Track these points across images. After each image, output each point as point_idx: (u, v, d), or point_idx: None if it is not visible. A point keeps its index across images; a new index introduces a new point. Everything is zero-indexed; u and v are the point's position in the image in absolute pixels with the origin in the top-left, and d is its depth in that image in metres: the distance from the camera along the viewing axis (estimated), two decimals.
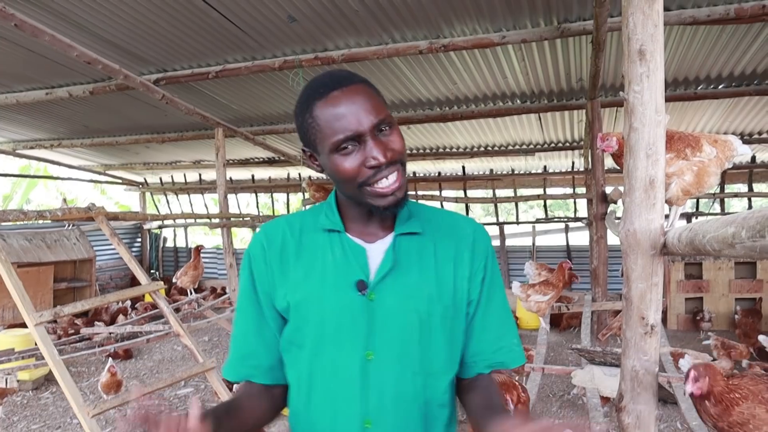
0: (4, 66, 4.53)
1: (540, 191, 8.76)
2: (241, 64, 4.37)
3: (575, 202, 9.29)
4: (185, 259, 10.28)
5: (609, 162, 3.58)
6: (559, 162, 8.37)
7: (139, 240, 11.10)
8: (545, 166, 8.70)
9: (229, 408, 1.00)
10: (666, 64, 3.90)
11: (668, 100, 4.45)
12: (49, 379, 5.25)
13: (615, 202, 4.59)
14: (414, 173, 9.21)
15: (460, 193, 9.28)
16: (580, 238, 8.80)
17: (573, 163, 8.32)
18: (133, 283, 9.37)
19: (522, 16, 3.58)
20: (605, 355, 3.18)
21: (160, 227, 10.62)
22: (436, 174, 9.28)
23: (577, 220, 8.53)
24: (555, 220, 9.76)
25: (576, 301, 5.90)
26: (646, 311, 1.44)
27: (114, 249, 5.42)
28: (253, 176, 10.18)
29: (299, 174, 9.62)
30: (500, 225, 9.16)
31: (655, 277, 1.42)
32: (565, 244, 9.07)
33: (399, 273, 0.99)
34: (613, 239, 4.07)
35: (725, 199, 8.31)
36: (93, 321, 6.65)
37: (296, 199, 10.49)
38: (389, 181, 0.94)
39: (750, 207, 7.85)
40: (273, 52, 4.22)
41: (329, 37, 3.93)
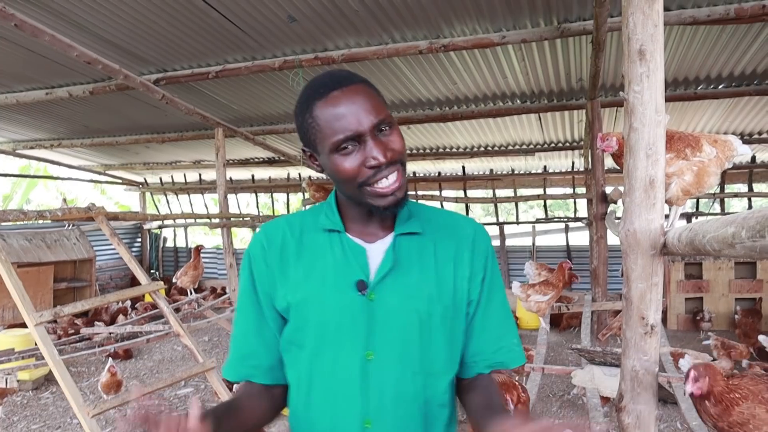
0: (4, 66, 4.53)
1: (540, 191, 8.75)
2: (241, 64, 4.37)
3: (575, 202, 9.29)
4: (185, 259, 10.29)
5: (609, 162, 3.58)
6: (559, 162, 8.37)
7: (139, 240, 11.10)
8: (545, 166, 8.70)
9: (229, 408, 1.00)
10: (666, 64, 3.90)
11: (668, 100, 4.45)
12: (49, 379, 5.25)
13: (615, 202, 4.59)
14: (414, 173, 9.21)
15: (460, 193, 9.28)
16: (580, 238, 8.80)
17: (573, 163, 8.32)
18: (133, 283, 9.37)
19: (522, 16, 3.59)
20: (605, 355, 3.18)
21: (160, 227, 10.62)
22: (436, 174, 9.28)
23: (577, 220, 8.53)
24: (555, 220, 9.76)
25: (576, 301, 5.90)
26: (646, 311, 1.44)
27: (114, 249, 5.42)
28: (253, 176, 10.18)
29: (299, 174, 9.61)
30: (500, 225, 9.16)
31: (655, 277, 1.42)
32: (565, 244, 9.07)
33: (399, 273, 0.99)
34: (613, 239, 4.07)
35: (725, 199, 8.31)
36: (93, 321, 6.65)
37: (296, 199, 10.49)
38: (389, 181, 0.94)
39: (750, 207, 7.85)
40: (273, 52, 4.22)
41: (329, 37, 3.93)
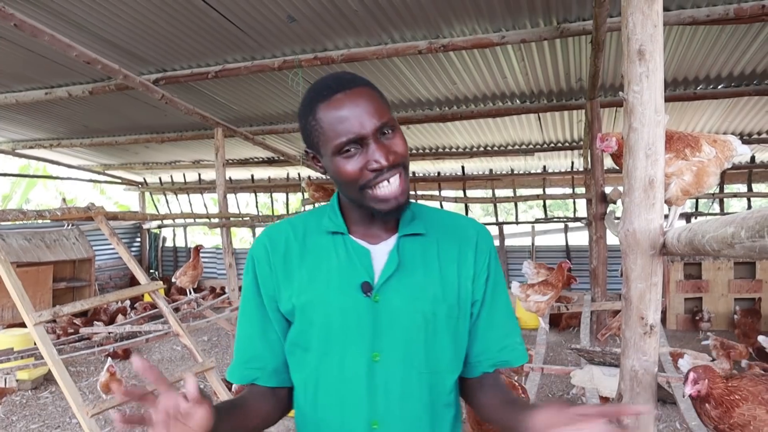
0: (4, 66, 4.53)
1: (539, 191, 8.76)
2: (241, 64, 4.36)
3: (575, 202, 9.30)
4: (184, 259, 10.29)
5: (608, 162, 3.58)
6: (559, 162, 8.37)
7: (139, 240, 11.10)
8: (545, 166, 8.71)
9: (234, 405, 1.00)
10: (665, 64, 3.88)
11: (668, 100, 4.45)
12: (48, 379, 5.25)
13: (614, 202, 4.59)
14: (413, 173, 9.21)
15: (460, 193, 9.28)
16: (580, 238, 8.81)
17: (572, 163, 8.33)
18: (132, 283, 9.37)
19: (521, 16, 3.59)
20: (604, 355, 3.18)
21: (159, 227, 10.63)
22: (436, 174, 9.28)
23: (576, 220, 8.53)
24: (554, 220, 9.76)
25: (575, 301, 5.90)
26: (645, 311, 1.44)
27: (113, 249, 5.41)
28: (252, 176, 10.18)
29: (299, 174, 9.61)
30: (500, 225, 9.17)
31: (655, 277, 1.42)
32: (564, 244, 9.07)
33: (403, 274, 0.99)
34: (612, 239, 4.06)
35: (724, 199, 8.32)
36: (92, 321, 6.65)
37: (296, 199, 10.48)
38: (390, 185, 0.94)
39: (749, 207, 7.86)
40: (272, 52, 4.21)
41: (329, 37, 3.93)
